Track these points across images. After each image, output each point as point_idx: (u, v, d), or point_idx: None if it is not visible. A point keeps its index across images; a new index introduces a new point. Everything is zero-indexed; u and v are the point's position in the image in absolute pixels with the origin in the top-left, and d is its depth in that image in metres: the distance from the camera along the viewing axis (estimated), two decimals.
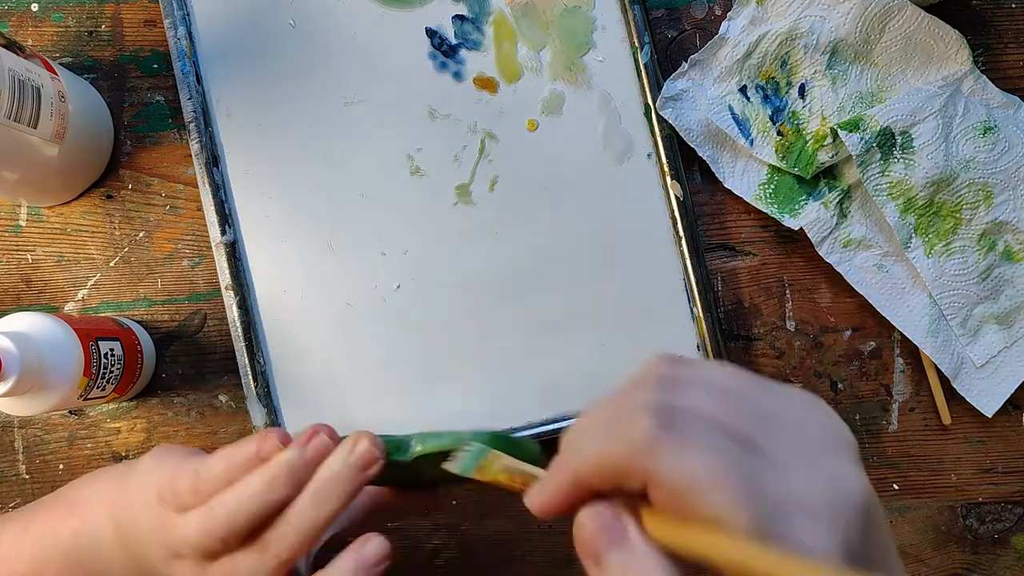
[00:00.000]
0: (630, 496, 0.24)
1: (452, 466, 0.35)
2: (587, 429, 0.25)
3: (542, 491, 0.26)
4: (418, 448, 0.37)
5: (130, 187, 0.49)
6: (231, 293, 0.48)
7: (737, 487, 0.22)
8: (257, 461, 0.37)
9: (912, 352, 0.50)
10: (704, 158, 0.49)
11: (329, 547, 0.41)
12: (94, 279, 0.49)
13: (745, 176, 0.50)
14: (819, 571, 0.20)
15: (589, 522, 0.24)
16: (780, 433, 0.24)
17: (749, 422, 0.23)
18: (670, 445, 0.22)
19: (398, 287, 0.49)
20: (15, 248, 0.49)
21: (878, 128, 0.47)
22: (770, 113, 0.49)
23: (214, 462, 0.37)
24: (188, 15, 0.48)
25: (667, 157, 0.49)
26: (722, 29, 0.49)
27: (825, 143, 0.49)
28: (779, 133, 0.49)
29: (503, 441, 0.36)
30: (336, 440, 0.37)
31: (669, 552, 0.23)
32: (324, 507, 0.35)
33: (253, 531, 0.36)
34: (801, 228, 0.49)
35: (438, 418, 0.48)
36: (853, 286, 0.49)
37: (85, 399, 0.42)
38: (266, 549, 0.35)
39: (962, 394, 0.49)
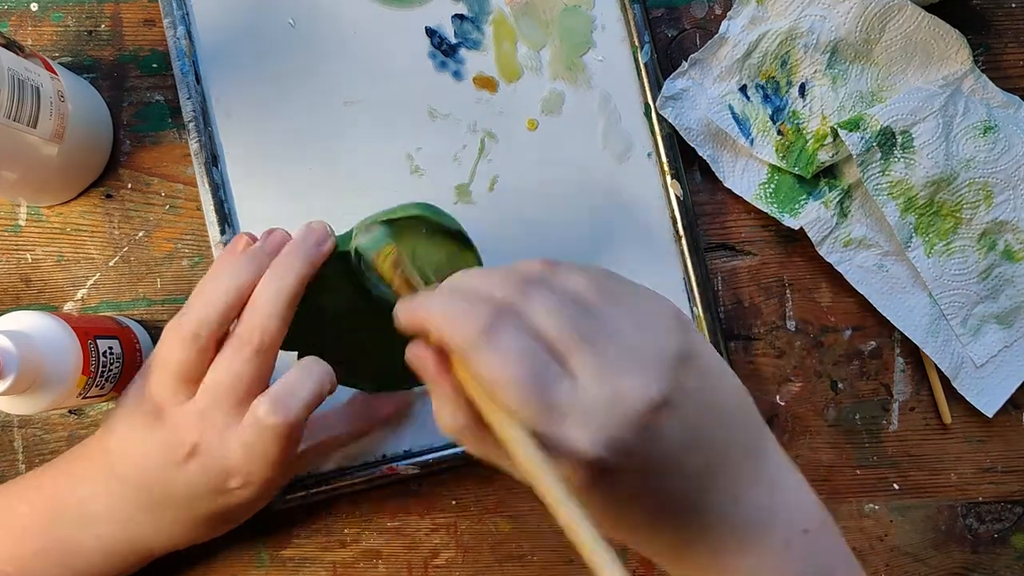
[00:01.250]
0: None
1: (360, 238, 0.40)
2: (457, 291, 0.30)
3: (402, 313, 0.31)
4: (356, 228, 0.41)
5: (129, 187, 0.49)
6: None
7: (525, 393, 0.27)
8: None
9: (912, 352, 0.50)
10: (704, 158, 0.49)
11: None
12: (93, 279, 0.49)
13: (745, 176, 0.50)
14: (540, 466, 0.26)
15: (413, 353, 0.31)
16: (593, 347, 0.28)
17: (570, 337, 0.28)
18: (486, 348, 0.28)
19: None
20: (14, 248, 0.49)
21: (878, 127, 0.47)
22: (770, 112, 0.49)
23: (194, 293, 0.39)
24: (187, 15, 0.48)
25: (667, 157, 0.49)
26: (722, 28, 0.49)
27: (825, 142, 0.49)
28: (779, 132, 0.49)
29: (429, 209, 0.41)
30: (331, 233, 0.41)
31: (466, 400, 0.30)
32: (285, 278, 0.38)
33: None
34: (801, 228, 0.49)
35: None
36: (853, 286, 0.49)
37: (84, 398, 0.42)
38: (239, 337, 0.38)
39: (962, 394, 0.49)
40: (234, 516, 0.43)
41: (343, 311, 0.43)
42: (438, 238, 0.42)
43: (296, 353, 0.42)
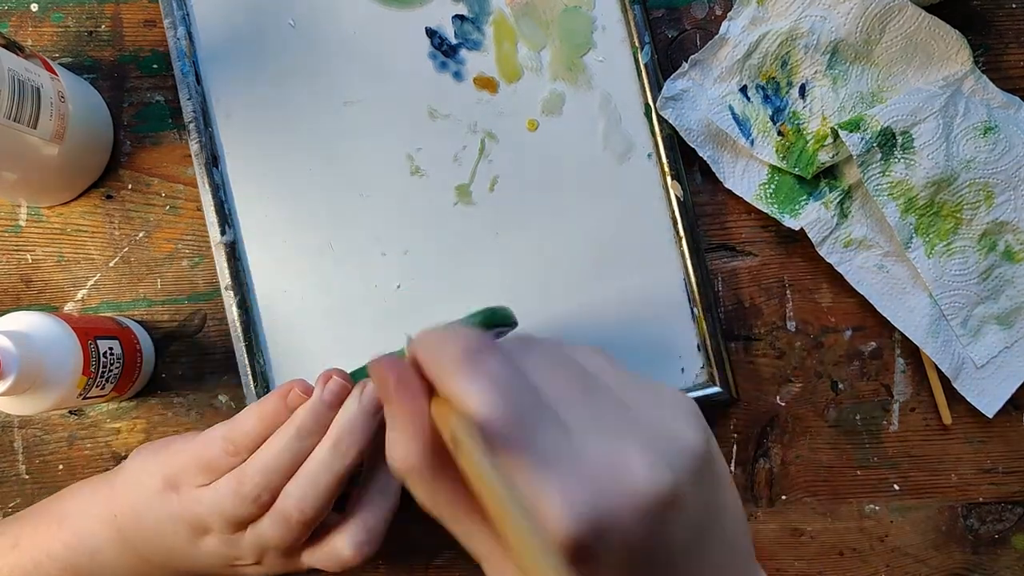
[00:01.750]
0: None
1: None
2: (439, 341, 0.25)
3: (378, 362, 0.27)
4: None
5: (130, 187, 0.49)
6: (231, 293, 0.47)
7: (503, 416, 0.22)
8: (286, 411, 0.37)
9: (913, 352, 0.50)
10: (704, 158, 0.49)
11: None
12: (94, 279, 0.49)
13: (745, 176, 0.50)
14: (506, 496, 0.20)
15: (375, 365, 0.25)
16: (597, 406, 0.24)
17: (566, 391, 0.24)
18: (467, 370, 0.23)
19: (398, 287, 0.49)
20: (15, 248, 0.49)
21: (879, 128, 0.47)
22: (770, 113, 0.49)
23: (244, 418, 0.37)
24: (188, 15, 0.48)
25: (667, 157, 0.49)
26: (722, 29, 0.49)
27: (826, 143, 0.49)
28: (779, 133, 0.49)
29: (494, 315, 0.36)
30: (349, 381, 0.37)
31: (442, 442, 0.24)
32: (346, 456, 0.35)
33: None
34: (801, 228, 0.49)
35: None
36: (853, 286, 0.49)
37: (84, 398, 0.42)
38: (288, 507, 0.35)
39: (963, 394, 0.49)
40: None
41: None
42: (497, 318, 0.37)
43: None
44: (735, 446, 0.50)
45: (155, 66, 0.50)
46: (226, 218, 0.48)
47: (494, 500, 0.20)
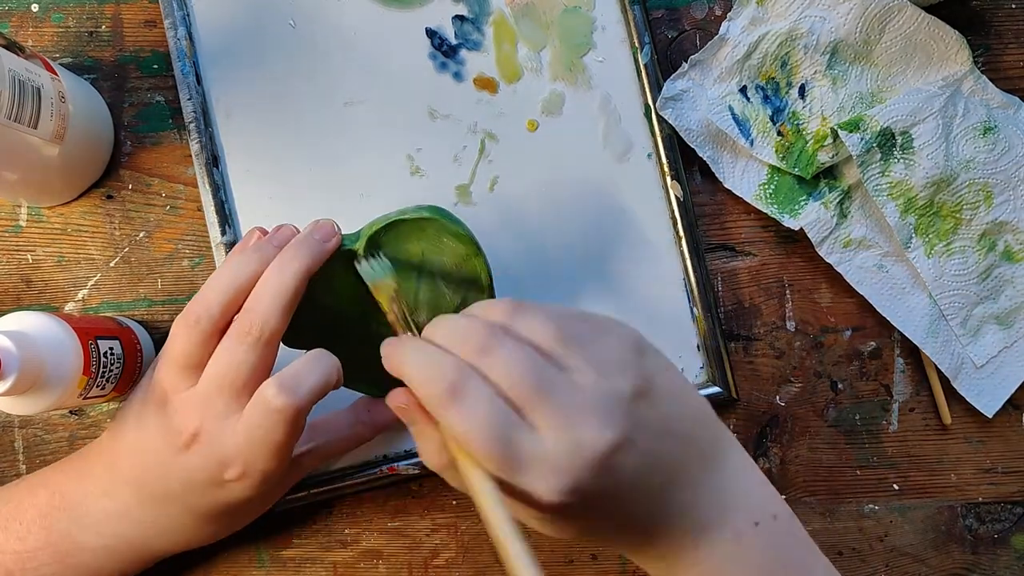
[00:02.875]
0: None
1: (360, 267, 0.41)
2: (427, 346, 0.33)
3: (384, 356, 0.34)
4: (364, 229, 0.41)
5: (130, 187, 0.49)
6: None
7: (489, 447, 0.29)
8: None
9: (912, 352, 0.50)
10: (704, 158, 0.49)
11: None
12: (94, 279, 0.49)
13: (745, 176, 0.50)
14: (497, 512, 0.29)
15: (396, 402, 0.34)
16: (552, 399, 0.30)
17: (530, 390, 0.30)
18: (453, 408, 0.30)
19: None
20: (15, 248, 0.49)
21: (878, 128, 0.47)
22: (770, 113, 0.49)
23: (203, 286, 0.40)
24: (188, 15, 0.48)
25: (667, 157, 0.49)
26: (722, 29, 0.49)
27: (825, 143, 0.49)
28: (779, 133, 0.49)
29: (439, 211, 0.42)
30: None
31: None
32: (287, 270, 0.38)
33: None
34: (801, 228, 0.49)
35: None
36: (853, 286, 0.49)
37: (85, 398, 0.42)
38: (239, 327, 0.38)
39: (962, 394, 0.49)
40: (231, 516, 0.43)
41: (348, 311, 0.43)
42: (447, 242, 0.42)
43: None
44: None
45: (155, 66, 0.50)
46: (226, 218, 0.48)
47: (482, 505, 0.30)
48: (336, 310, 0.43)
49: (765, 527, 0.35)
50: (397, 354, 0.33)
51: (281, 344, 0.40)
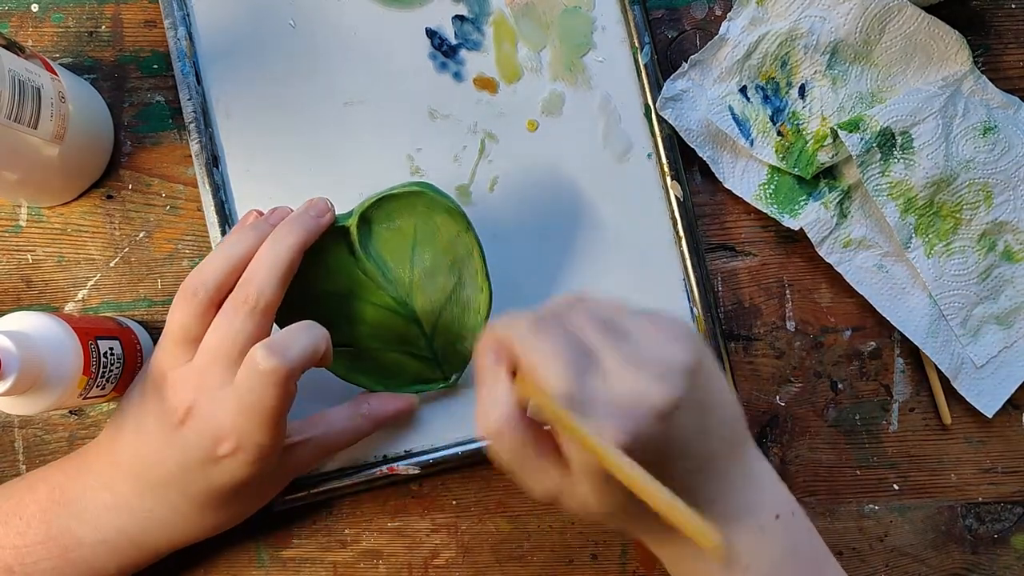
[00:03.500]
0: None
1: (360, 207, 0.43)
2: (512, 320, 0.34)
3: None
4: (356, 208, 0.43)
5: (130, 187, 0.49)
6: None
7: (563, 376, 0.31)
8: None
9: (912, 352, 0.50)
10: (704, 158, 0.49)
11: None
12: (94, 279, 0.49)
13: (745, 176, 0.50)
14: (586, 431, 0.30)
15: (479, 344, 0.34)
16: (621, 351, 0.32)
17: (603, 340, 0.32)
18: (534, 339, 0.32)
19: None
20: (15, 248, 0.49)
21: (878, 128, 0.47)
22: (770, 113, 0.49)
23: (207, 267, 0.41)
24: (188, 15, 0.48)
25: (667, 157, 0.49)
26: (722, 29, 0.49)
27: (825, 143, 0.49)
28: (779, 133, 0.49)
29: (428, 186, 0.43)
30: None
31: (523, 402, 0.33)
32: (282, 243, 0.40)
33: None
34: (801, 228, 0.49)
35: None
36: (853, 286, 0.49)
37: (85, 398, 0.42)
38: (235, 297, 0.39)
39: (962, 394, 0.49)
40: (228, 503, 0.42)
41: (342, 290, 0.44)
42: (438, 217, 0.44)
43: None
44: None
45: (155, 66, 0.50)
46: (226, 218, 0.48)
47: (574, 433, 0.30)
48: (331, 291, 0.44)
49: (785, 521, 0.36)
50: (501, 324, 0.34)
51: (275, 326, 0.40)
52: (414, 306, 0.45)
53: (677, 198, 0.49)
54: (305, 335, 0.39)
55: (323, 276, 0.44)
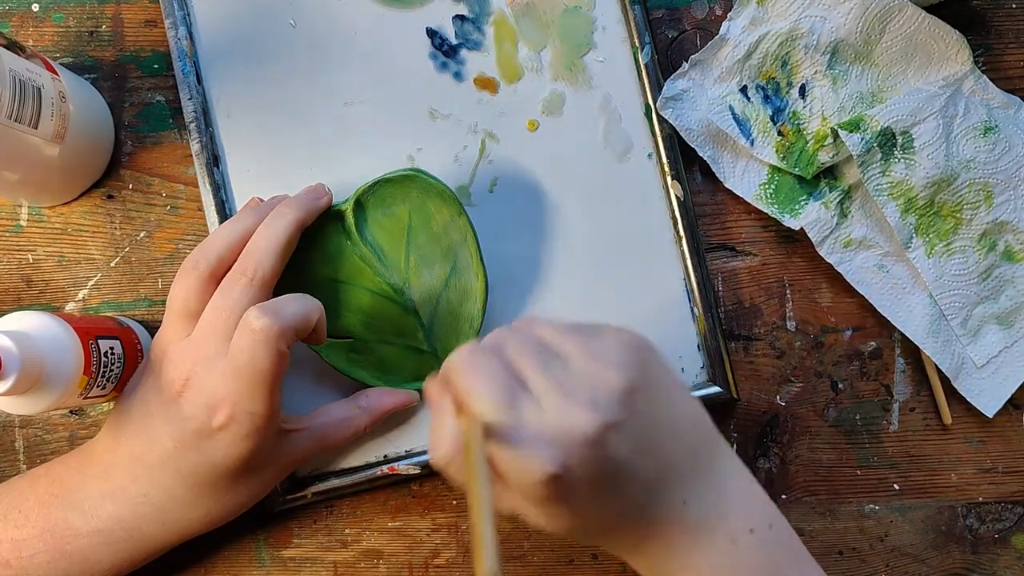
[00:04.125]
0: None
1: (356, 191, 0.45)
2: (455, 352, 0.34)
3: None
4: (352, 198, 0.45)
5: (131, 187, 0.49)
6: None
7: (492, 405, 0.31)
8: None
9: (912, 352, 0.50)
10: (705, 158, 0.49)
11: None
12: (95, 279, 0.49)
13: (745, 176, 0.50)
14: (483, 490, 0.29)
15: (429, 388, 0.35)
16: (553, 378, 0.32)
17: (533, 368, 0.33)
18: (467, 367, 0.32)
19: None
20: (16, 248, 0.49)
21: (879, 128, 0.47)
22: (771, 113, 0.49)
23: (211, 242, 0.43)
24: (189, 15, 0.48)
25: (667, 157, 0.49)
26: (722, 29, 0.49)
27: (826, 143, 0.49)
28: (780, 133, 0.49)
29: (422, 171, 0.45)
30: None
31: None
32: (280, 219, 0.41)
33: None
34: (802, 228, 0.49)
35: None
36: (853, 286, 0.49)
37: (85, 398, 0.42)
38: (234, 270, 0.41)
39: (963, 394, 0.49)
40: (223, 487, 0.42)
41: (341, 280, 0.45)
42: (432, 202, 0.46)
43: None
44: (735, 446, 0.50)
45: (156, 66, 0.50)
46: (227, 218, 0.48)
47: (469, 466, 0.30)
48: (330, 277, 0.45)
49: (760, 535, 0.35)
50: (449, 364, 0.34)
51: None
52: (411, 293, 0.46)
53: (677, 198, 0.49)
54: (298, 301, 0.40)
55: (321, 261, 0.45)
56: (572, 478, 0.31)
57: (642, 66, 0.49)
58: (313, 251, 0.45)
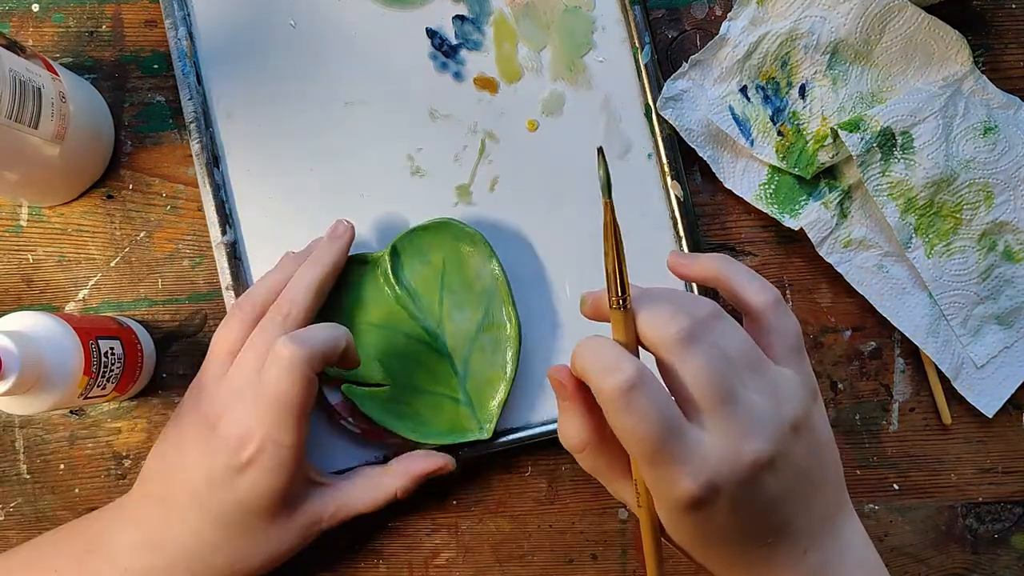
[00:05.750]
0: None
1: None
2: (661, 299, 0.34)
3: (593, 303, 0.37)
4: (390, 246, 0.47)
5: (131, 187, 0.49)
6: (231, 293, 0.48)
7: (649, 450, 0.31)
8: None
9: (912, 352, 0.50)
10: (704, 158, 0.49)
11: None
12: (95, 279, 0.49)
13: (745, 176, 0.50)
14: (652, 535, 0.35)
15: (554, 374, 0.35)
16: (728, 410, 0.32)
17: (712, 397, 0.32)
18: (624, 409, 0.31)
19: None
20: (16, 248, 0.49)
21: (878, 128, 0.47)
22: (770, 113, 0.49)
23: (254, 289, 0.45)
24: (189, 15, 0.48)
25: (667, 157, 0.49)
26: (722, 29, 0.49)
27: (825, 143, 0.49)
28: (779, 133, 0.49)
29: (456, 221, 0.47)
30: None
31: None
32: (314, 265, 0.44)
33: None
34: (801, 228, 0.49)
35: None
36: (853, 286, 0.49)
37: (85, 398, 0.42)
38: (272, 308, 0.43)
39: (962, 394, 0.49)
40: (248, 528, 0.41)
41: (378, 325, 0.47)
42: (463, 249, 0.47)
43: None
44: None
45: (156, 66, 0.50)
46: (227, 218, 0.48)
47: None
48: (367, 321, 0.47)
49: None
50: (581, 346, 0.33)
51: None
52: (444, 337, 0.47)
53: (677, 198, 0.49)
54: (326, 328, 0.41)
55: (357, 307, 0.47)
56: (715, 500, 0.31)
57: (642, 66, 0.49)
58: (349, 297, 0.47)
